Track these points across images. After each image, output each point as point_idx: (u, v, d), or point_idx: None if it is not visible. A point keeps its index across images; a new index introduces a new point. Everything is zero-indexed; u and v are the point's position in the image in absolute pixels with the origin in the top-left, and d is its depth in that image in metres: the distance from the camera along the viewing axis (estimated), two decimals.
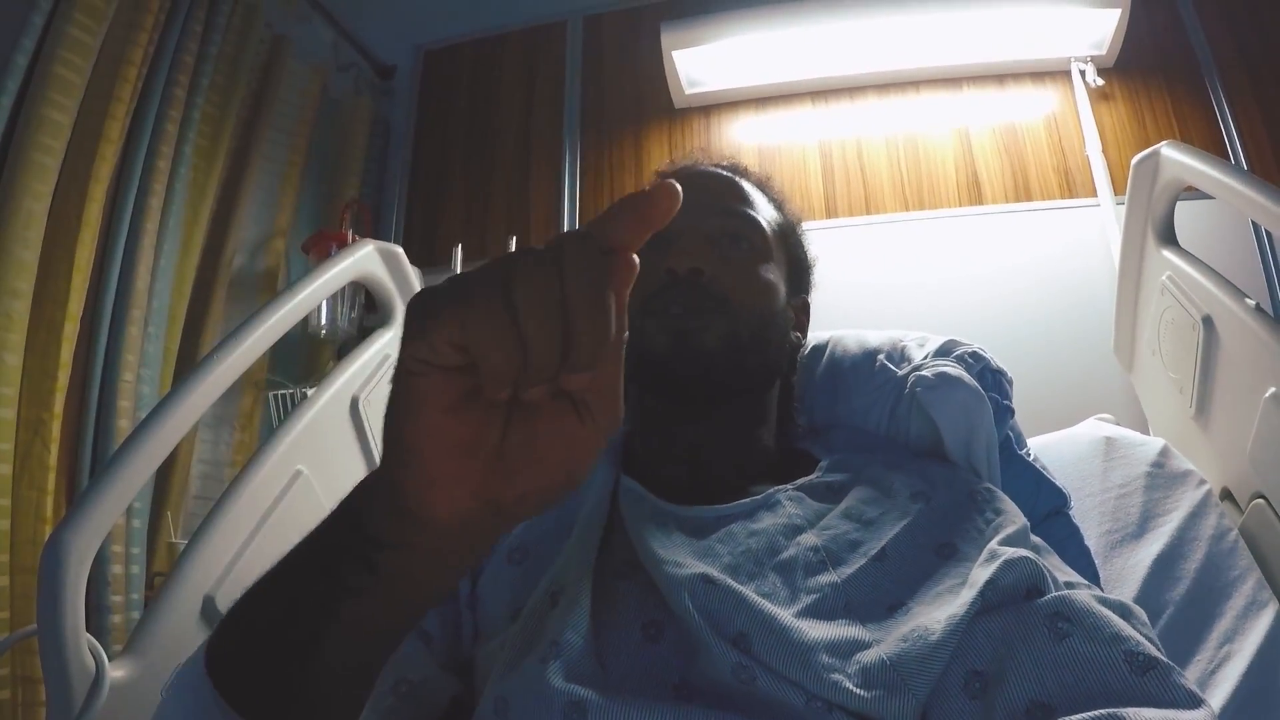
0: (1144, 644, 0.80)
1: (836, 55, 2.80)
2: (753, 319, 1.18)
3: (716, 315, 1.16)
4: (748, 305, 1.18)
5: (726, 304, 1.16)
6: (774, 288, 1.23)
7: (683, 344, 1.15)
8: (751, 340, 1.17)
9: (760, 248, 1.24)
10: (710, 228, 1.22)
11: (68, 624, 1.08)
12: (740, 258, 1.22)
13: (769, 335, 1.21)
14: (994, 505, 1.06)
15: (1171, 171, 1.67)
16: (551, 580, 0.99)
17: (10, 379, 1.81)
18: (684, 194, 1.25)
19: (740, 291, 1.18)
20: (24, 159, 1.89)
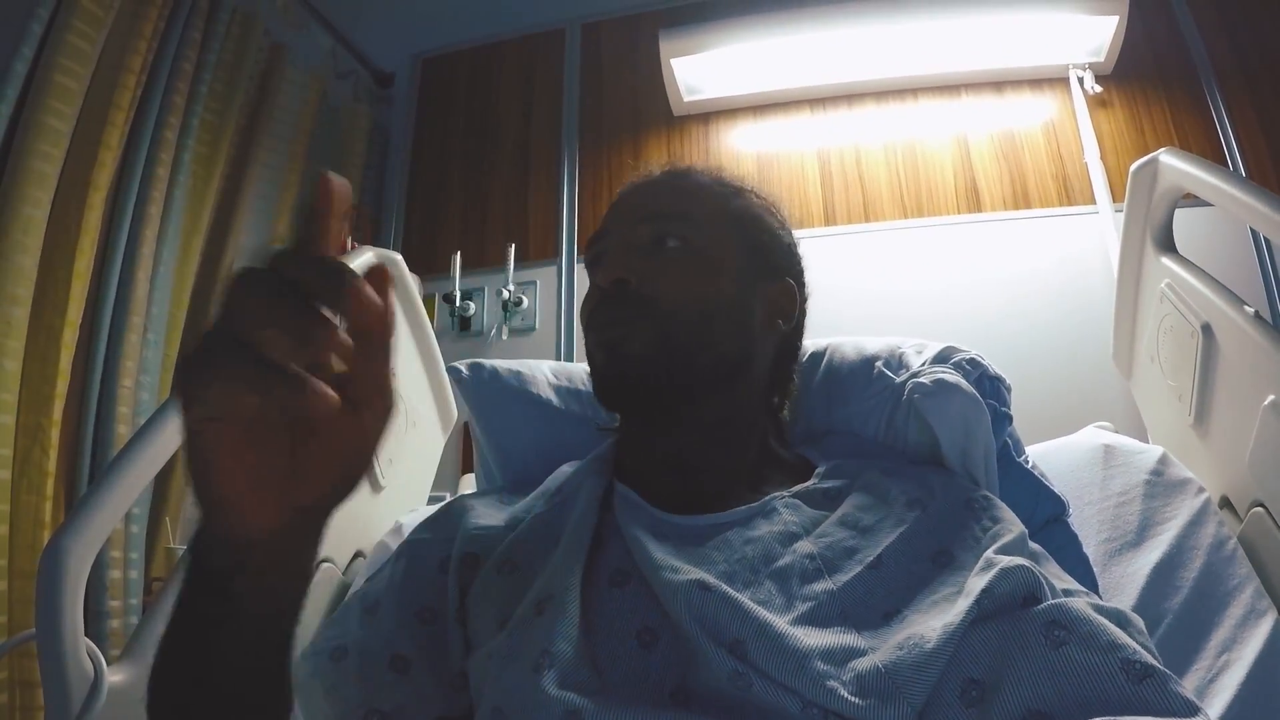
0: (1141, 652, 0.79)
1: (835, 62, 2.80)
2: (689, 315, 1.15)
3: (641, 321, 1.14)
4: (680, 304, 1.16)
5: (654, 307, 1.15)
6: (713, 280, 1.20)
7: (613, 356, 1.16)
8: (690, 339, 1.15)
9: (696, 243, 1.21)
10: (638, 236, 1.22)
11: (66, 628, 1.08)
12: (669, 258, 1.20)
13: (716, 328, 1.17)
14: (991, 513, 1.06)
15: (1170, 178, 1.67)
16: (539, 590, 0.99)
17: (9, 385, 1.81)
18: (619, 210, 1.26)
19: (670, 291, 1.16)
20: (23, 166, 1.89)
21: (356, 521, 1.73)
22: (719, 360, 1.18)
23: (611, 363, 1.17)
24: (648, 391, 1.15)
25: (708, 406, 1.18)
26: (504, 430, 1.49)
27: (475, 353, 2.71)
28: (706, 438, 1.19)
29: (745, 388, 1.22)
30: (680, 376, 1.15)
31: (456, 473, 2.53)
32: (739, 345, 1.20)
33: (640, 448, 1.23)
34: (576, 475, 1.21)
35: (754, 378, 1.24)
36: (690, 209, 1.24)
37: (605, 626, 0.95)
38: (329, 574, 1.62)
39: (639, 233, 1.22)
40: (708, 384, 1.17)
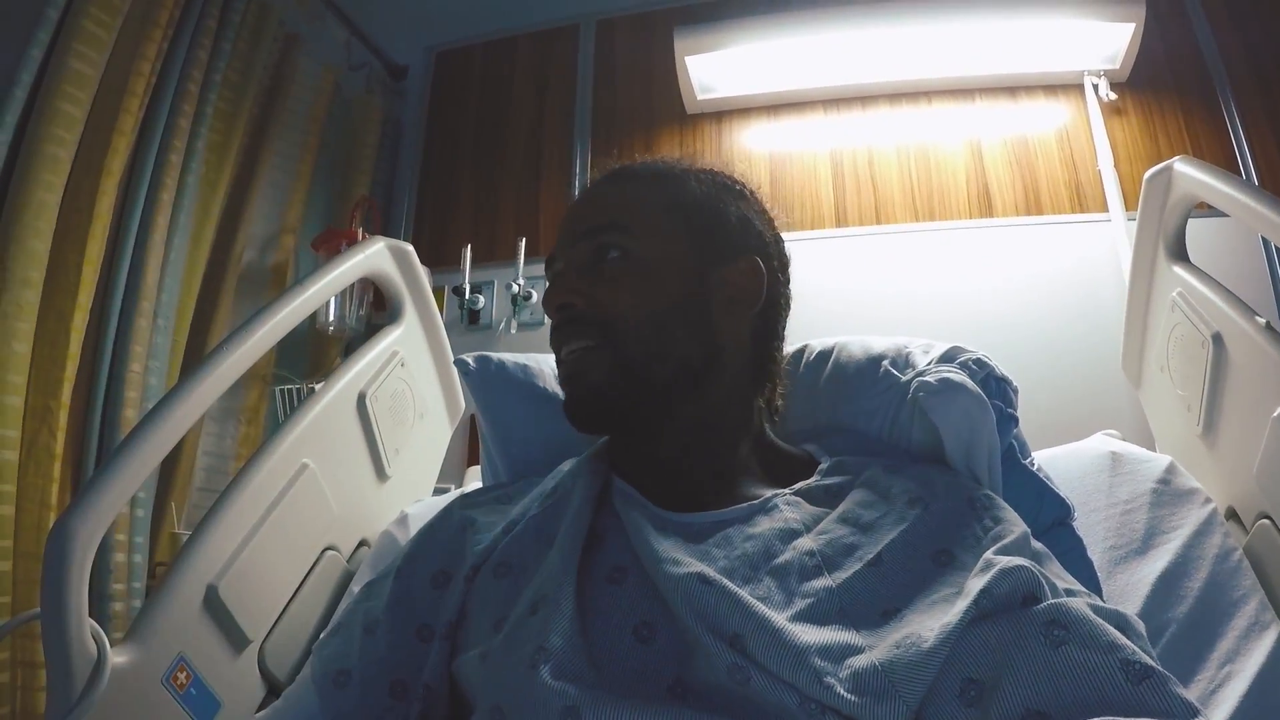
0: (1140, 653, 0.79)
1: (849, 64, 2.80)
2: (641, 329, 1.15)
3: (597, 350, 1.14)
4: (630, 317, 1.15)
5: (606, 327, 1.14)
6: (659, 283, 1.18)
7: (576, 387, 1.17)
8: (647, 351, 1.14)
9: (635, 251, 1.18)
10: (577, 255, 1.21)
11: (71, 609, 1.08)
12: (611, 272, 1.18)
13: (669, 334, 1.16)
14: (993, 512, 1.05)
15: (1184, 187, 1.67)
16: (534, 591, 0.99)
17: (19, 367, 1.81)
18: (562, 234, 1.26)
19: (616, 307, 1.15)
20: (37, 150, 1.90)
21: (362, 510, 1.73)
22: (680, 367, 1.16)
23: (574, 391, 1.17)
24: (612, 414, 1.16)
25: (684, 411, 1.18)
26: (509, 423, 1.50)
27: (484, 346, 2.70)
28: (689, 441, 1.19)
29: (720, 383, 1.20)
30: (643, 392, 1.15)
31: (462, 464, 2.54)
32: (700, 344, 1.18)
33: (629, 453, 1.23)
34: (571, 474, 1.21)
35: (729, 370, 1.21)
36: (625, 215, 1.21)
37: (602, 622, 0.95)
38: (334, 562, 1.62)
39: (578, 251, 1.21)
40: (675, 392, 1.16)
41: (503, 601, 1.04)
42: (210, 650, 1.33)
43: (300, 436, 1.57)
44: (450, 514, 1.25)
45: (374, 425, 1.75)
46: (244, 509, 1.43)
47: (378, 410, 1.76)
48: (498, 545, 1.13)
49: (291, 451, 1.55)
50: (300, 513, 1.54)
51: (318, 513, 1.60)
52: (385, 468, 1.79)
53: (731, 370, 1.22)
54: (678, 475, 1.17)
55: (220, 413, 2.53)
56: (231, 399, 2.55)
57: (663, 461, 1.19)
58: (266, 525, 1.45)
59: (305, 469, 1.56)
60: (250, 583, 1.41)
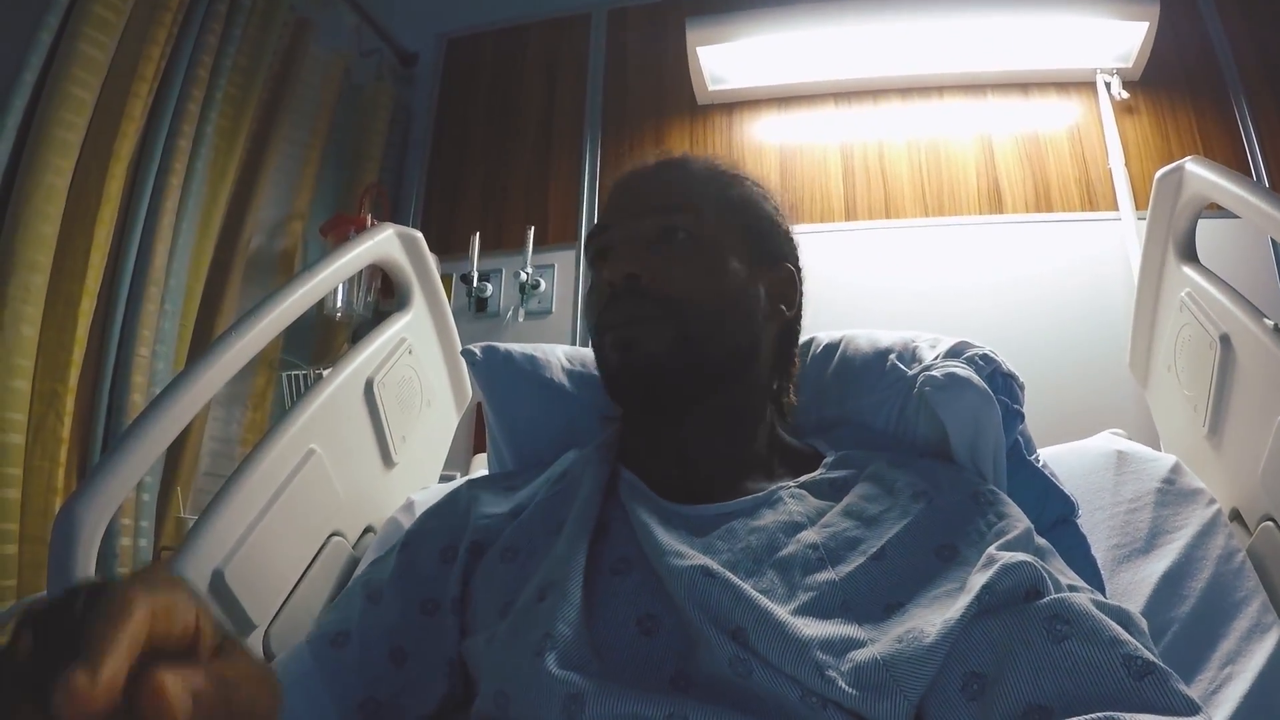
0: (1142, 649, 0.79)
1: (861, 57, 2.80)
2: (704, 310, 1.16)
3: (659, 321, 1.14)
4: (695, 298, 1.16)
5: (670, 303, 1.15)
6: (723, 271, 1.20)
7: (630, 355, 1.15)
8: (707, 333, 1.15)
9: (701, 234, 1.20)
10: (642, 229, 1.21)
11: None
12: (678, 251, 1.19)
13: (728, 321, 1.18)
14: (997, 508, 1.05)
15: (1195, 187, 1.67)
16: (541, 577, 1.00)
17: (27, 351, 1.81)
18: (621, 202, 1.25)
19: (683, 286, 1.16)
20: (46, 134, 1.90)
21: (368, 497, 1.73)
22: (733, 352, 1.19)
23: (629, 362, 1.16)
24: (665, 389, 1.15)
25: (717, 399, 1.19)
26: (515, 413, 1.50)
27: (491, 334, 2.71)
28: (712, 428, 1.19)
29: (750, 378, 1.23)
30: (697, 372, 1.15)
31: (468, 452, 2.54)
32: (749, 335, 1.21)
33: (645, 437, 1.23)
34: (580, 462, 1.22)
35: (759, 366, 1.24)
36: (693, 199, 1.23)
37: (606, 613, 0.96)
38: (339, 548, 1.63)
39: (644, 226, 1.21)
40: (720, 378, 1.18)
41: (509, 586, 1.04)
42: None
43: (307, 422, 1.58)
44: (458, 495, 1.26)
45: (381, 412, 1.75)
46: (250, 494, 1.43)
47: (385, 397, 1.76)
48: (504, 529, 1.13)
49: (298, 437, 1.55)
50: (306, 499, 1.54)
51: (324, 499, 1.60)
52: (392, 455, 1.79)
53: (760, 368, 1.24)
54: (690, 465, 1.18)
55: (227, 398, 2.54)
56: (238, 384, 2.55)
57: (679, 449, 1.19)
58: (273, 511, 1.46)
59: (312, 455, 1.56)
60: (256, 568, 1.41)
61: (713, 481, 1.15)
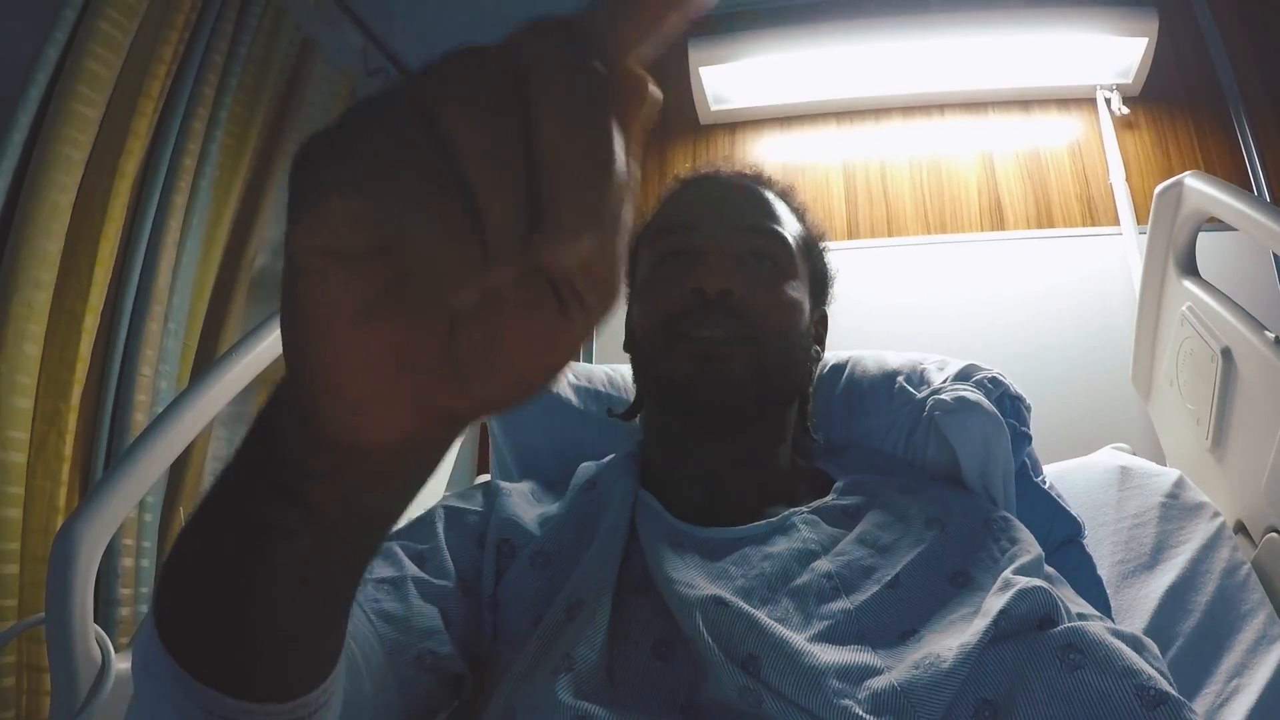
0: (1156, 678, 0.79)
1: (862, 76, 2.80)
2: (779, 343, 1.17)
3: (744, 342, 1.14)
4: (775, 328, 1.17)
5: (754, 328, 1.15)
6: (800, 307, 1.22)
7: (709, 369, 1.14)
8: (777, 364, 1.16)
9: (785, 266, 1.22)
10: (737, 245, 1.20)
11: (76, 614, 1.08)
12: (766, 277, 1.20)
13: (794, 357, 1.20)
14: (1009, 534, 1.06)
15: (1195, 202, 1.67)
16: (569, 593, 0.99)
17: (29, 369, 1.81)
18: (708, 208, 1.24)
19: (768, 314, 1.17)
20: (51, 151, 1.90)
21: None
22: (791, 386, 1.22)
23: (706, 376, 1.14)
24: (734, 411, 1.16)
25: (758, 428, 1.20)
26: (522, 428, 1.50)
27: None
28: (744, 454, 1.20)
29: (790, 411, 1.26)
30: (765, 401, 1.17)
31: (472, 472, 2.54)
32: (804, 373, 1.25)
33: (674, 456, 1.23)
34: (610, 473, 1.21)
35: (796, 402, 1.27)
36: (781, 228, 1.24)
37: (624, 636, 0.96)
38: None
39: (736, 241, 1.21)
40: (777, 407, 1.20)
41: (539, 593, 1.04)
42: None
43: None
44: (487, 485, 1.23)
45: None
46: None
47: None
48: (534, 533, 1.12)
49: None
50: None
51: None
52: None
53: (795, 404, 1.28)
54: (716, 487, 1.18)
55: (230, 417, 2.53)
56: (242, 403, 2.54)
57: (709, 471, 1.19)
58: None
59: None
60: None
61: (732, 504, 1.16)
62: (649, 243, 1.30)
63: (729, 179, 1.33)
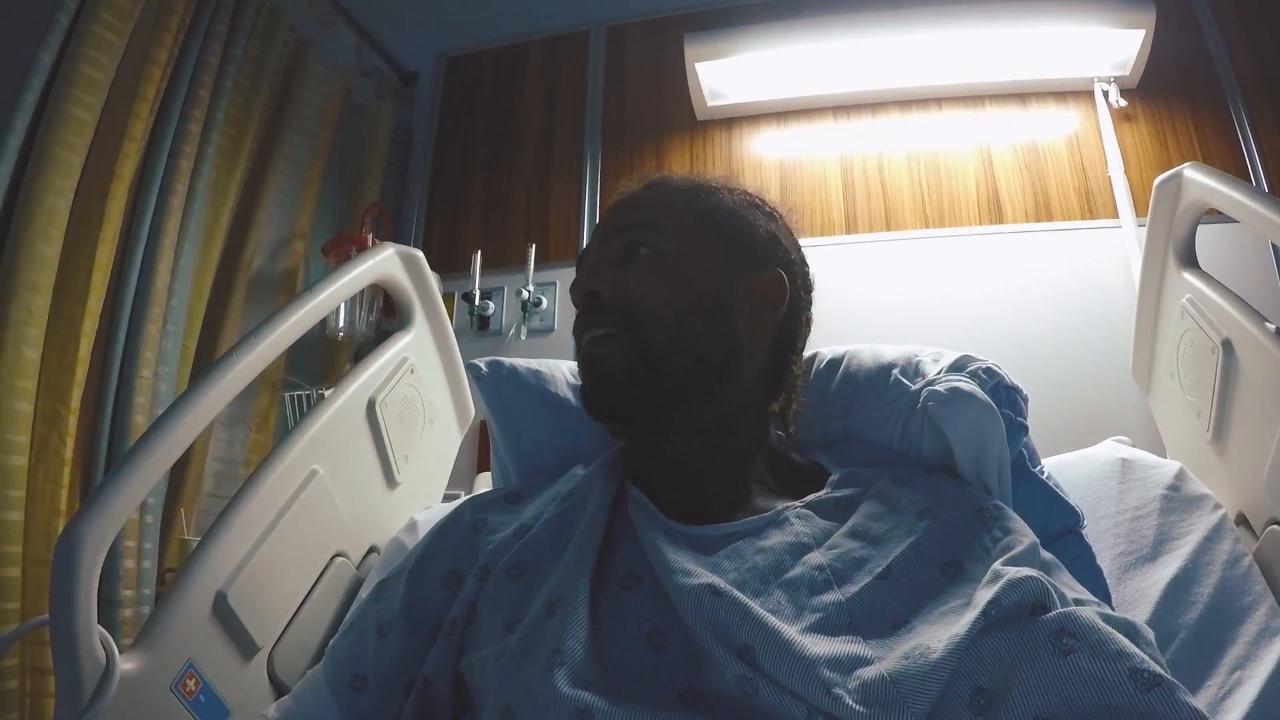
0: (1149, 661, 0.79)
1: (859, 71, 2.80)
2: (663, 318, 1.17)
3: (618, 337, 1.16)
4: (652, 306, 1.17)
5: (628, 314, 1.17)
6: (685, 279, 1.20)
7: (593, 374, 1.19)
8: (667, 341, 1.16)
9: (664, 248, 1.21)
10: (610, 250, 1.24)
11: (80, 615, 1.08)
12: (639, 265, 1.21)
13: (691, 328, 1.18)
14: (1002, 523, 1.06)
15: (1194, 193, 1.67)
16: (549, 593, 0.99)
17: (29, 372, 1.82)
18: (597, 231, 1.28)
19: (640, 296, 1.18)
20: (48, 155, 1.90)
21: (371, 517, 1.73)
22: (699, 361, 1.18)
23: (592, 380, 1.19)
24: (629, 402, 1.17)
25: (698, 409, 1.19)
26: (521, 429, 1.50)
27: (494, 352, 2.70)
28: (704, 441, 1.20)
29: (736, 387, 1.22)
30: (661, 383, 1.16)
31: (472, 470, 2.54)
32: (719, 343, 1.20)
33: (644, 455, 1.24)
34: (587, 479, 1.21)
35: (745, 375, 1.23)
36: (659, 216, 1.25)
37: (615, 628, 0.96)
38: (343, 569, 1.62)
39: (611, 247, 1.24)
40: (692, 387, 1.18)
41: (516, 602, 1.04)
42: (219, 657, 1.33)
43: (310, 443, 1.57)
44: (461, 515, 1.26)
45: (384, 432, 1.75)
46: (253, 515, 1.43)
47: (387, 417, 1.76)
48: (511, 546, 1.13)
49: (301, 458, 1.55)
50: (310, 519, 1.54)
51: (327, 519, 1.60)
52: (395, 474, 1.79)
53: (748, 376, 1.23)
54: (690, 481, 1.18)
55: (230, 418, 2.54)
56: (241, 405, 2.55)
57: (675, 465, 1.20)
58: (276, 531, 1.45)
59: (315, 475, 1.56)
60: (259, 589, 1.41)
61: (715, 498, 1.15)
62: None
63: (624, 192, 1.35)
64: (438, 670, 1.05)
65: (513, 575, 1.08)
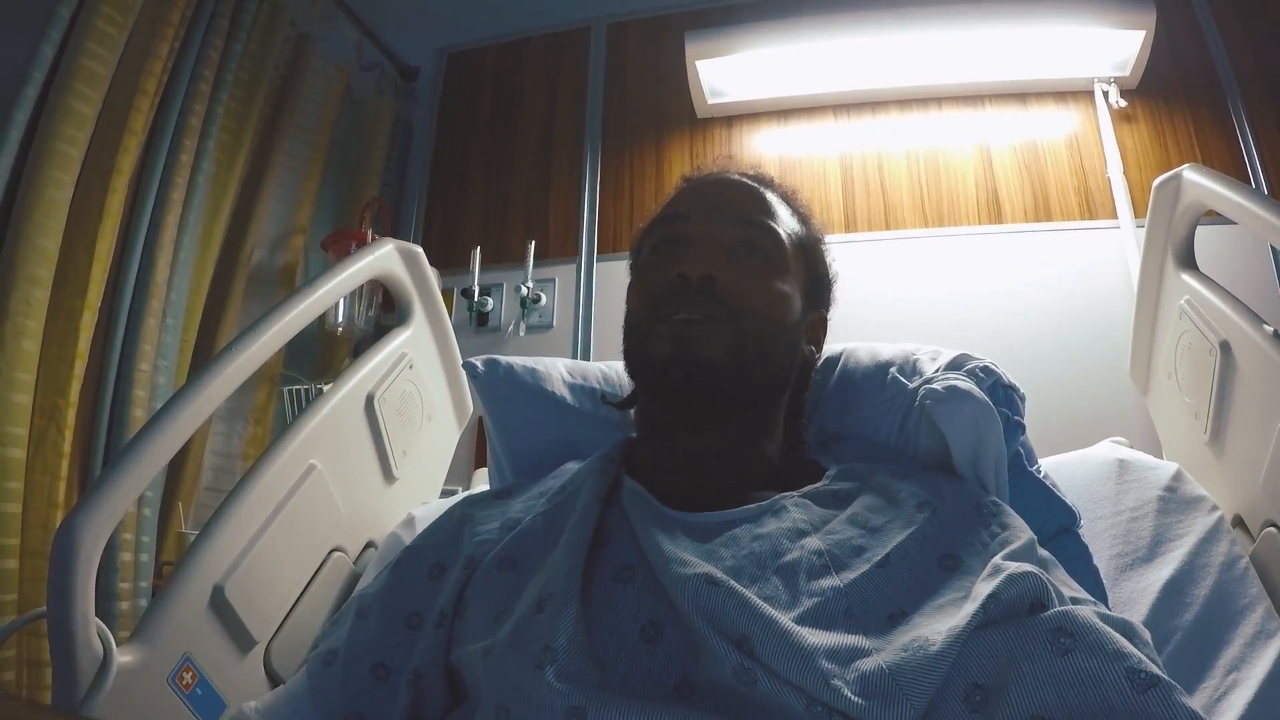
0: (1146, 662, 0.79)
1: (859, 69, 2.80)
2: (761, 331, 1.17)
3: (723, 325, 1.15)
4: (758, 316, 1.17)
5: (736, 313, 1.16)
6: (787, 300, 1.22)
7: (685, 351, 1.15)
8: (758, 352, 1.16)
9: (776, 259, 1.22)
10: (727, 235, 1.22)
11: (77, 607, 1.08)
12: (755, 267, 1.21)
13: (777, 348, 1.20)
14: (1000, 519, 1.06)
15: (1193, 195, 1.67)
16: (539, 588, 1.00)
17: (28, 365, 1.81)
18: (704, 200, 1.25)
19: (751, 301, 1.17)
20: (48, 148, 1.90)
21: (369, 512, 1.73)
22: (774, 378, 1.22)
23: (681, 357, 1.15)
24: (708, 395, 1.16)
25: (741, 419, 1.21)
26: (517, 427, 1.50)
27: (492, 348, 2.71)
28: (733, 445, 1.21)
29: (777, 405, 1.26)
30: (744, 386, 1.17)
31: (470, 466, 2.54)
32: (789, 364, 1.24)
33: (659, 444, 1.24)
34: (580, 474, 1.22)
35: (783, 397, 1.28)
36: (775, 224, 1.26)
37: (608, 622, 0.96)
38: (340, 563, 1.63)
39: (727, 232, 1.23)
40: (752, 399, 1.20)
41: (504, 595, 1.05)
42: (216, 651, 1.33)
43: (308, 437, 1.58)
44: (451, 512, 1.27)
45: (382, 427, 1.75)
46: (252, 509, 1.43)
47: (386, 412, 1.76)
48: (500, 540, 1.14)
49: (300, 452, 1.55)
50: (308, 514, 1.54)
51: (325, 514, 1.60)
52: (393, 469, 1.79)
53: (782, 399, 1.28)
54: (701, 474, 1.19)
55: (228, 412, 2.54)
56: (240, 399, 2.55)
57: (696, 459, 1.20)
58: (274, 526, 1.46)
59: (313, 470, 1.56)
60: (257, 583, 1.41)
61: (715, 489, 1.16)
62: (648, 234, 1.31)
63: (730, 177, 1.34)
64: (428, 662, 1.05)
65: (501, 568, 1.09)
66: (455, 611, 1.08)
